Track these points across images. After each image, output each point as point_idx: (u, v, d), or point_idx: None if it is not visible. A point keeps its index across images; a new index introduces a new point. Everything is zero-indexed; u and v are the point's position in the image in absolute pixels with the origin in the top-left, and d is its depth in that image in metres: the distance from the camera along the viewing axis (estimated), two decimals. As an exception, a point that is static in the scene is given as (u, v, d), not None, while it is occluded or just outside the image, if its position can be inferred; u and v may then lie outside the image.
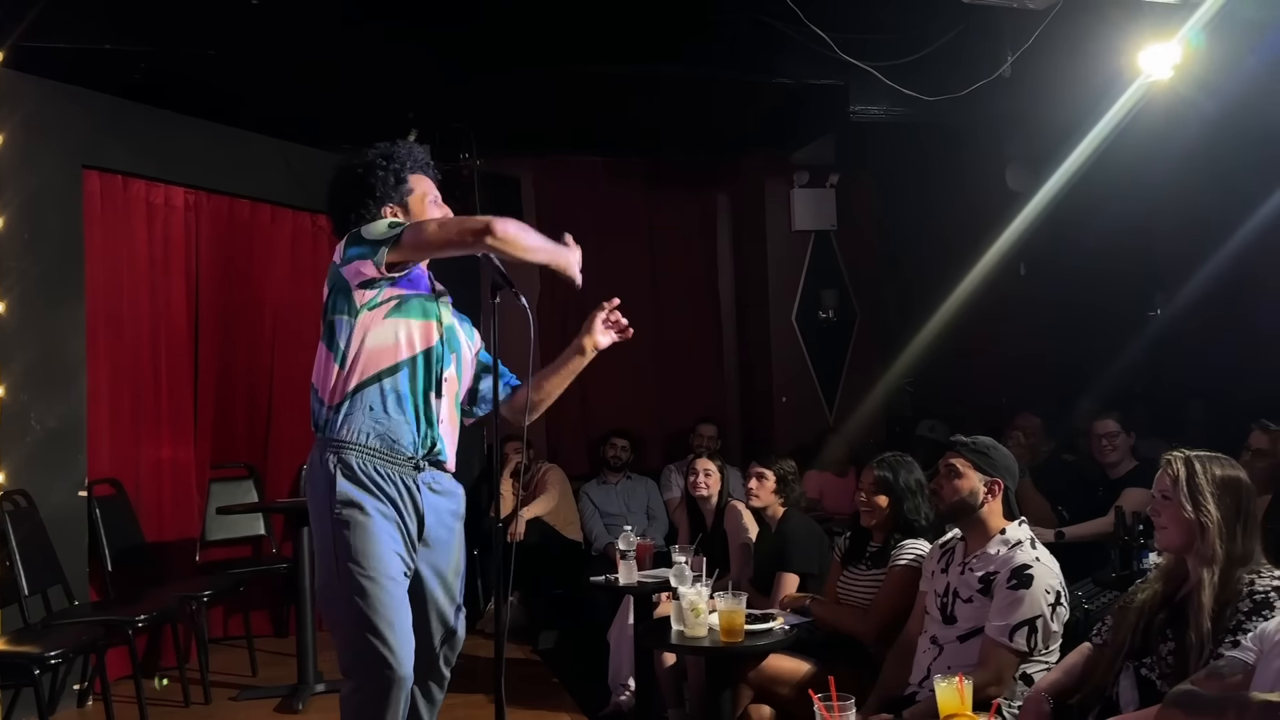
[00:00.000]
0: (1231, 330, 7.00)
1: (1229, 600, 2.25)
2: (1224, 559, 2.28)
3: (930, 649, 2.92)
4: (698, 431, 6.46)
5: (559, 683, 4.75)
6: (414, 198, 2.70)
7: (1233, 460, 2.43)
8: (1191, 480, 2.34)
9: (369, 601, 2.42)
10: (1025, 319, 7.35)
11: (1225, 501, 2.31)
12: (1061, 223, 6.61)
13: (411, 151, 2.74)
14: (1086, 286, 7.67)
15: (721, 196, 7.36)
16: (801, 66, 5.12)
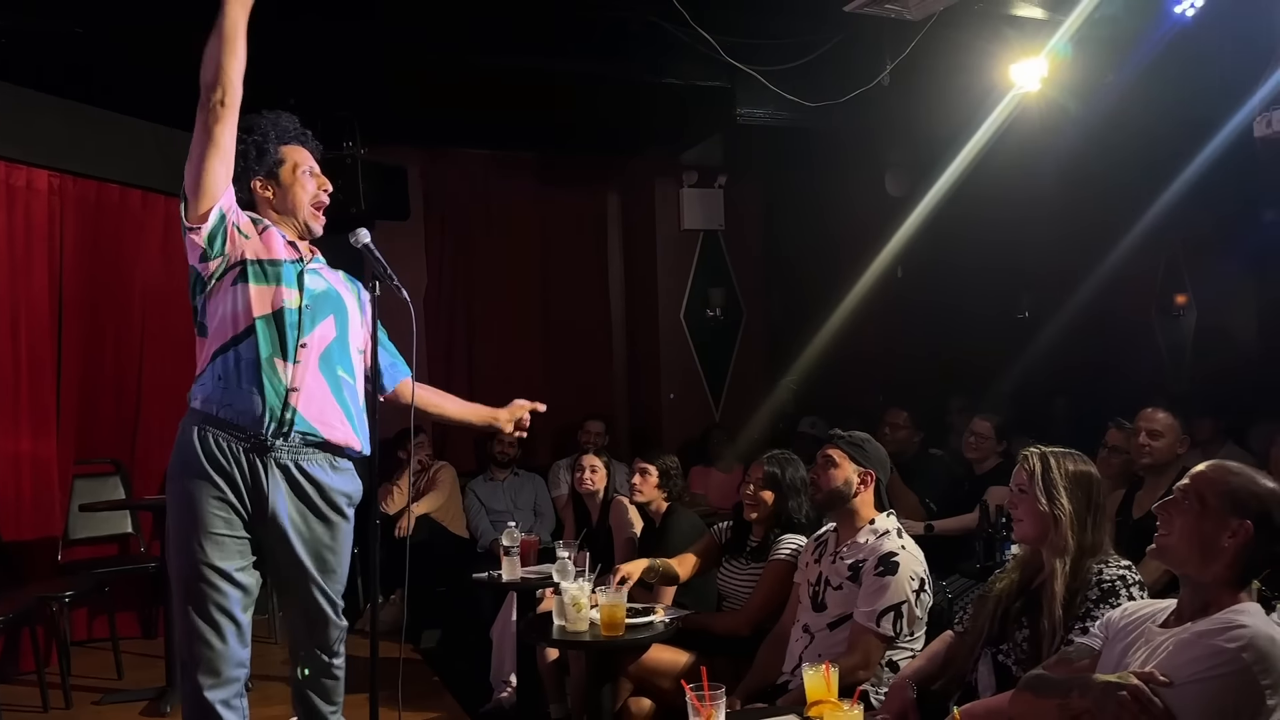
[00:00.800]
0: (1094, 333, 7.39)
1: (1079, 589, 2.38)
2: (1075, 549, 2.41)
3: (802, 637, 3.01)
4: (585, 428, 6.48)
5: (440, 681, 4.71)
6: (285, 169, 2.62)
7: (1085, 456, 2.57)
8: (1046, 475, 2.46)
9: (188, 587, 2.43)
10: (902, 320, 7.61)
11: (1077, 495, 2.44)
12: (938, 228, 6.87)
13: (277, 121, 2.65)
14: (959, 289, 7.98)
15: (612, 194, 7.40)
16: (690, 68, 5.18)
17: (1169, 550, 2.05)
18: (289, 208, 2.63)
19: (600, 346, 7.33)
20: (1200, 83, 4.98)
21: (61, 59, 4.92)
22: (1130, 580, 2.37)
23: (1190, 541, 2.01)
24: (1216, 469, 2.07)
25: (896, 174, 7.37)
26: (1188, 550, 2.02)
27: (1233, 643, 1.86)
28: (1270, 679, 1.84)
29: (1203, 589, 2.01)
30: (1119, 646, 2.09)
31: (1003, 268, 8.23)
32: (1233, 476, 2.04)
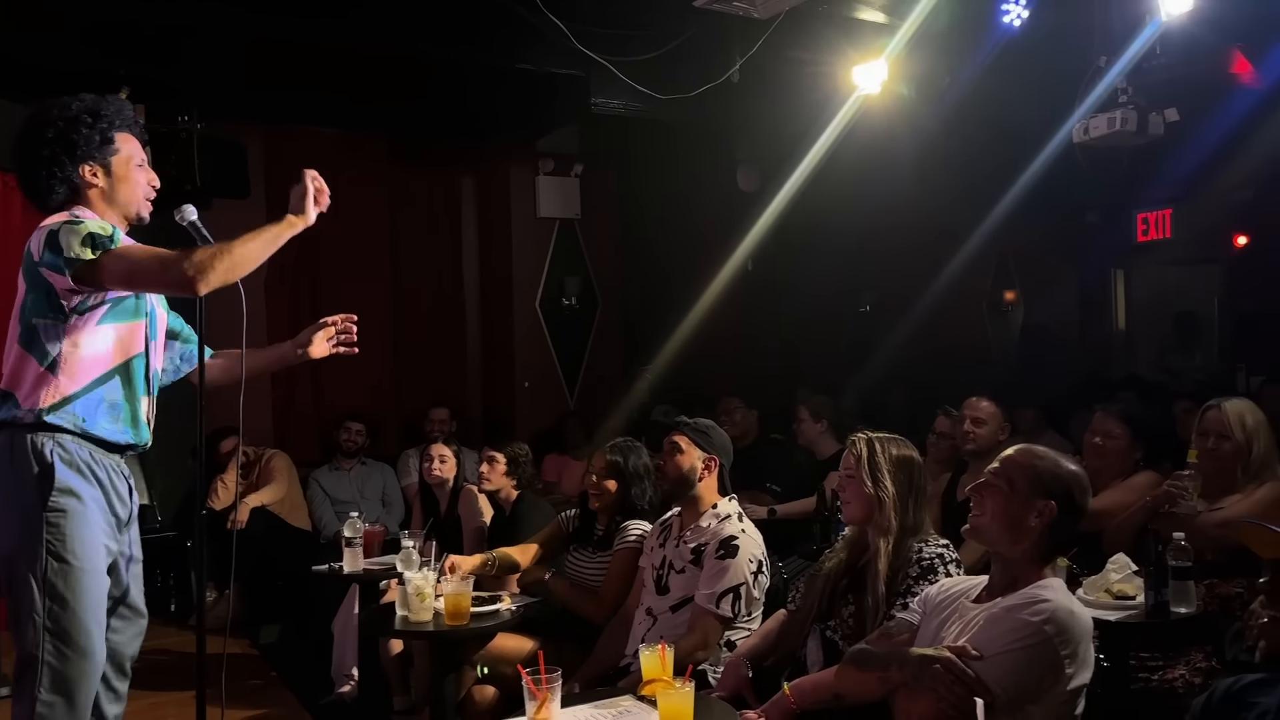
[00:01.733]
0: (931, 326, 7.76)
1: (901, 566, 2.50)
2: (898, 529, 2.53)
3: (645, 620, 3.06)
4: (429, 416, 6.37)
5: (278, 677, 4.57)
6: (119, 159, 2.50)
7: (908, 441, 2.70)
8: (872, 459, 2.58)
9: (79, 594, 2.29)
10: (753, 311, 7.79)
11: (900, 478, 2.57)
12: (787, 224, 7.06)
13: (121, 109, 2.52)
14: (806, 284, 8.25)
15: (467, 180, 7.29)
16: (545, 55, 5.16)
17: (981, 530, 2.18)
18: (118, 200, 2.51)
19: (453, 334, 7.22)
20: (1028, 91, 5.28)
21: None
22: (948, 558, 2.51)
23: (1000, 521, 2.14)
24: (1024, 453, 2.21)
25: (748, 169, 7.54)
26: (997, 530, 2.15)
27: (1036, 616, 1.99)
28: (1068, 649, 1.98)
29: (1011, 565, 2.15)
30: (935, 621, 2.21)
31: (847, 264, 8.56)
32: (1038, 460, 2.18)
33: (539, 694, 2.04)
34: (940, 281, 7.84)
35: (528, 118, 6.38)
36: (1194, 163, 6.36)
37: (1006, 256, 8.47)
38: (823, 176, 6.17)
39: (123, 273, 2.30)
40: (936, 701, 1.97)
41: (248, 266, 2.39)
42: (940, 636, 2.14)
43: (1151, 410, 5.24)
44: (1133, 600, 2.80)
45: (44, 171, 2.41)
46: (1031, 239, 8.14)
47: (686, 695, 2.01)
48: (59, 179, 2.41)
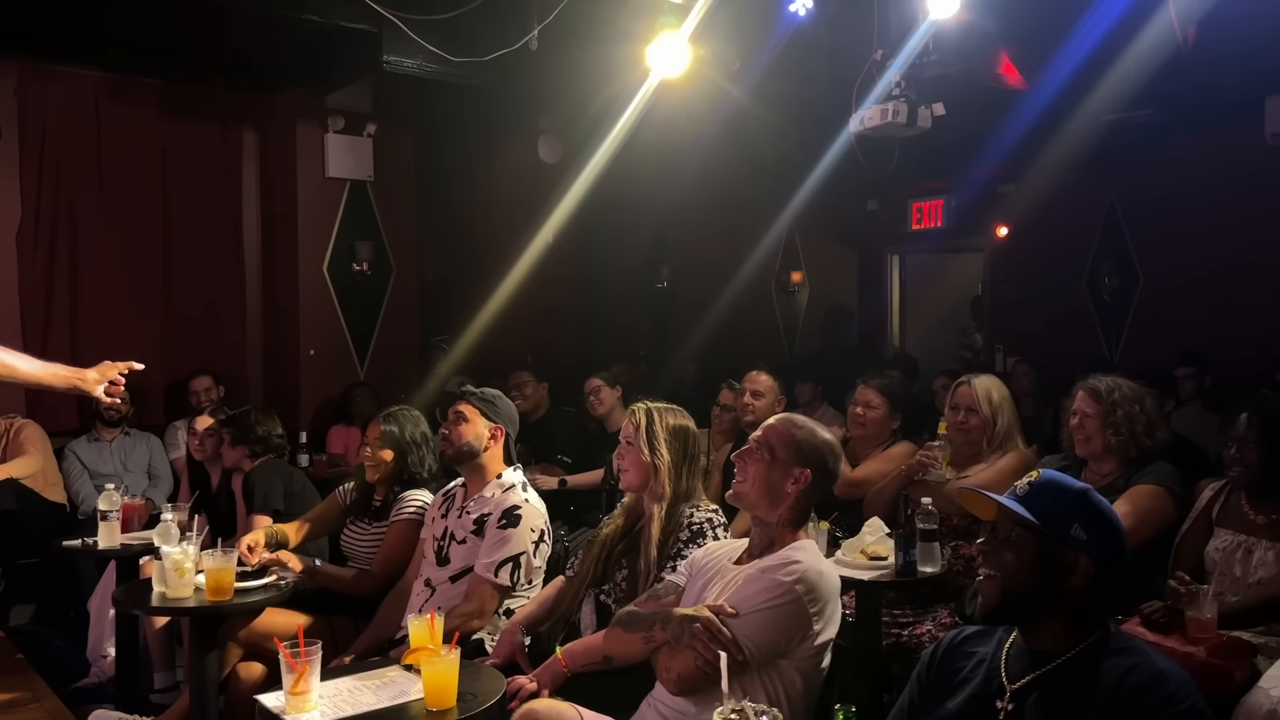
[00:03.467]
0: (724, 304, 8.01)
1: (673, 531, 2.58)
2: (670, 495, 2.61)
3: (424, 591, 3.02)
4: (190, 386, 6.00)
5: (24, 659, 4.21)
6: None
7: (684, 411, 2.79)
8: (650, 428, 2.65)
9: None
10: (553, 283, 7.79)
11: (675, 446, 2.65)
12: (590, 197, 7.07)
13: None
14: (607, 258, 8.33)
15: (249, 133, 6.86)
16: (334, 7, 4.92)
17: (743, 495, 2.28)
18: None
19: (232, 297, 6.80)
20: (816, 80, 5.49)
21: None
22: (716, 522, 2.61)
23: (760, 487, 2.25)
24: (784, 422, 2.32)
25: (550, 141, 7.51)
26: (758, 494, 2.25)
27: (788, 576, 2.10)
28: (816, 606, 2.10)
29: (769, 528, 2.25)
30: (700, 582, 2.30)
31: (647, 240, 8.71)
32: (797, 430, 2.29)
33: (296, 667, 1.98)
34: (735, 261, 8.11)
35: (317, 72, 6.07)
36: (963, 157, 6.84)
37: (794, 239, 8.86)
38: (626, 153, 6.22)
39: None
40: (694, 659, 2.05)
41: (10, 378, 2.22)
42: (703, 597, 2.22)
43: (913, 385, 5.63)
44: (885, 561, 3.00)
45: None
46: (817, 223, 8.55)
47: (451, 662, 2.00)
48: None
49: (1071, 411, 3.17)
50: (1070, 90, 5.29)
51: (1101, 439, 3.08)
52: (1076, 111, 5.72)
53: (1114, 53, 4.94)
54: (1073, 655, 1.66)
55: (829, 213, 8.28)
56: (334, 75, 6.03)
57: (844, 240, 8.94)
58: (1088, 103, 5.58)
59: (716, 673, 2.03)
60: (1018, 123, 5.87)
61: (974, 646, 1.81)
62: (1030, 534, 1.70)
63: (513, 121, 7.32)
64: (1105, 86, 5.28)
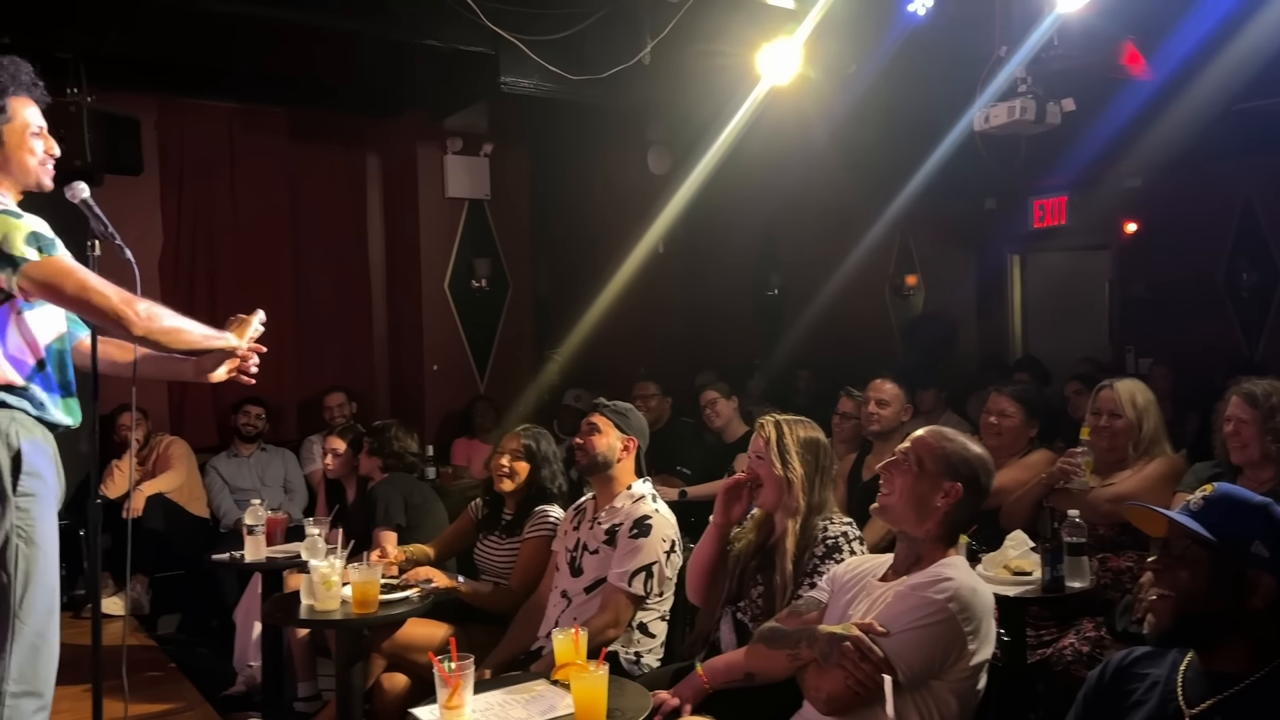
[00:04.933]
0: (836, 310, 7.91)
1: (807, 545, 2.55)
2: (805, 509, 2.57)
3: (560, 603, 3.05)
4: (325, 402, 6.21)
5: (177, 668, 4.43)
6: (11, 128, 2.35)
7: (813, 423, 2.75)
8: (780, 441, 2.62)
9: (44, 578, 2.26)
10: (663, 294, 7.82)
11: (807, 459, 2.62)
12: (699, 207, 7.09)
13: (16, 72, 2.37)
14: (717, 267, 8.32)
15: (372, 157, 7.11)
16: (454, 31, 5.05)
17: (889, 509, 2.23)
18: (13, 169, 2.38)
19: (359, 316, 7.05)
20: (932, 79, 5.39)
21: None
22: (851, 536, 2.56)
23: (908, 500, 2.20)
24: (934, 435, 2.27)
25: (659, 152, 7.55)
26: (905, 508, 2.20)
27: (940, 594, 2.04)
28: (971, 625, 2.04)
29: (916, 544, 2.20)
30: (843, 599, 2.26)
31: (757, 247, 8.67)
32: (947, 442, 2.23)
33: (450, 681, 2.02)
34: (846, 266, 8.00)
35: (435, 95, 6.25)
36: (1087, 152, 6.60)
37: (908, 242, 8.68)
38: (733, 160, 6.21)
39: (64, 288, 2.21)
40: (844, 678, 2.01)
41: (178, 345, 2.35)
42: (848, 615, 2.19)
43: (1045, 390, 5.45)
44: (1030, 576, 2.90)
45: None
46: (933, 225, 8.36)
47: (600, 678, 2.01)
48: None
49: (1225, 417, 3.02)
50: (1199, 79, 5.07)
51: (1259, 445, 2.94)
52: (1207, 101, 5.46)
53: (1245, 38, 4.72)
54: (1259, 679, 1.57)
55: (944, 213, 8.09)
56: (453, 98, 6.20)
57: (961, 241, 8.71)
58: (1219, 91, 5.33)
59: (868, 693, 2.00)
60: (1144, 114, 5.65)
61: (1145, 668, 1.73)
62: (1206, 552, 1.61)
63: (622, 135, 7.40)
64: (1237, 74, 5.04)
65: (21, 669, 2.25)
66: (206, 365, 2.62)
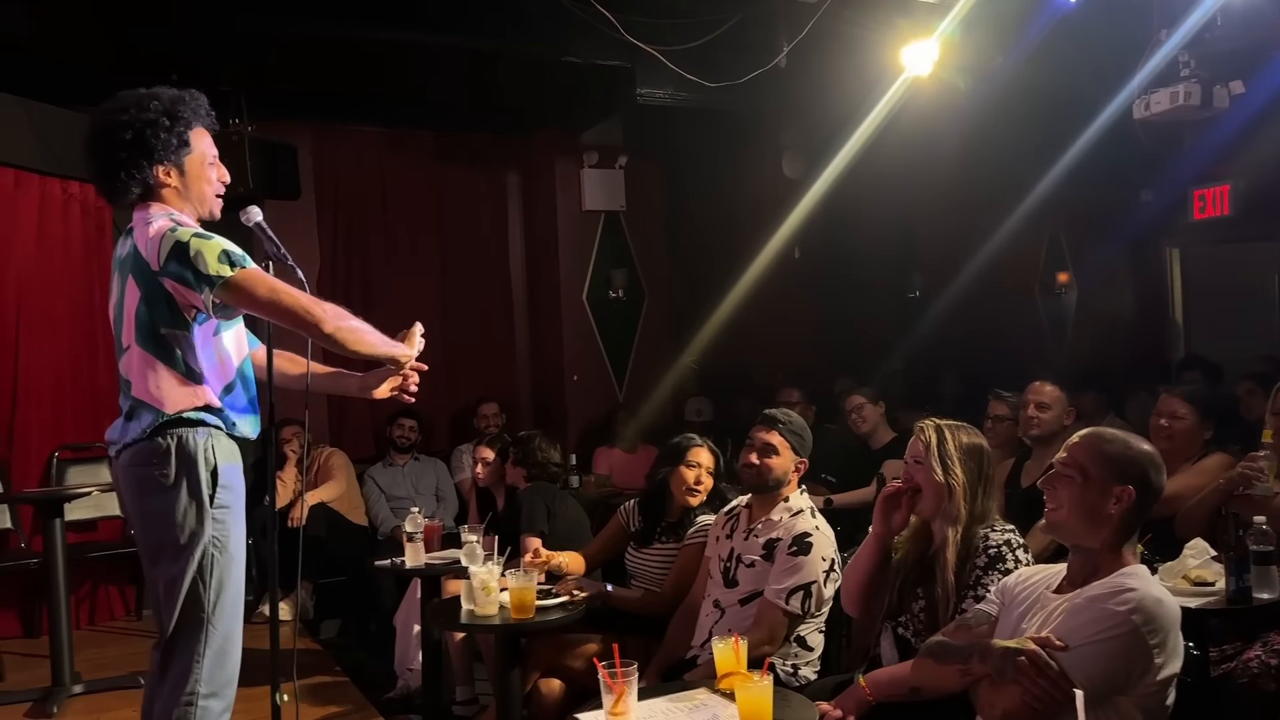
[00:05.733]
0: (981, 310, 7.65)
1: (969, 556, 2.46)
2: (966, 518, 2.48)
3: (713, 612, 3.04)
4: (479, 411, 6.40)
5: (341, 671, 4.62)
6: (192, 159, 2.49)
7: (975, 428, 2.65)
8: (941, 447, 2.53)
9: (234, 586, 2.40)
10: (798, 299, 7.74)
11: (970, 466, 2.52)
12: (834, 210, 6.99)
13: (196, 105, 2.51)
14: (854, 270, 8.17)
15: (512, 174, 7.31)
16: (590, 46, 5.14)
17: (1059, 524, 2.12)
18: (193, 199, 2.52)
19: (501, 328, 7.25)
20: (1083, 66, 5.17)
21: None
22: (1014, 544, 2.46)
23: (1078, 512, 2.09)
24: (1092, 439, 2.14)
25: (793, 156, 7.47)
26: (1076, 521, 2.09)
27: (1123, 606, 1.94)
28: (1157, 638, 1.93)
29: (1092, 555, 2.10)
30: (1015, 613, 2.17)
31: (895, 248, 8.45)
32: (1108, 444, 2.11)
33: (615, 688, 2.03)
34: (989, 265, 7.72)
35: (572, 110, 6.37)
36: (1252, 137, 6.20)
37: (1058, 237, 8.32)
38: (870, 159, 6.11)
39: (258, 296, 2.31)
40: (1021, 695, 1.94)
41: (360, 347, 2.45)
42: (1021, 628, 2.10)
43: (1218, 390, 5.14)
44: (1212, 586, 2.74)
45: (121, 173, 2.41)
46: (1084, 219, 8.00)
47: (765, 688, 1.99)
48: (135, 179, 2.42)
49: None
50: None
51: None
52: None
53: None
54: None
55: (1097, 207, 7.72)
56: (588, 113, 6.30)
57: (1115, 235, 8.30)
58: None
59: (1045, 710, 1.92)
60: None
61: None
62: None
63: (756, 140, 7.36)
64: None
65: (211, 672, 2.37)
66: (370, 382, 2.74)
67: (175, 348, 2.37)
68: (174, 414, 2.35)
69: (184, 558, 2.34)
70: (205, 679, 2.36)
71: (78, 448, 5.47)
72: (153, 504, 2.36)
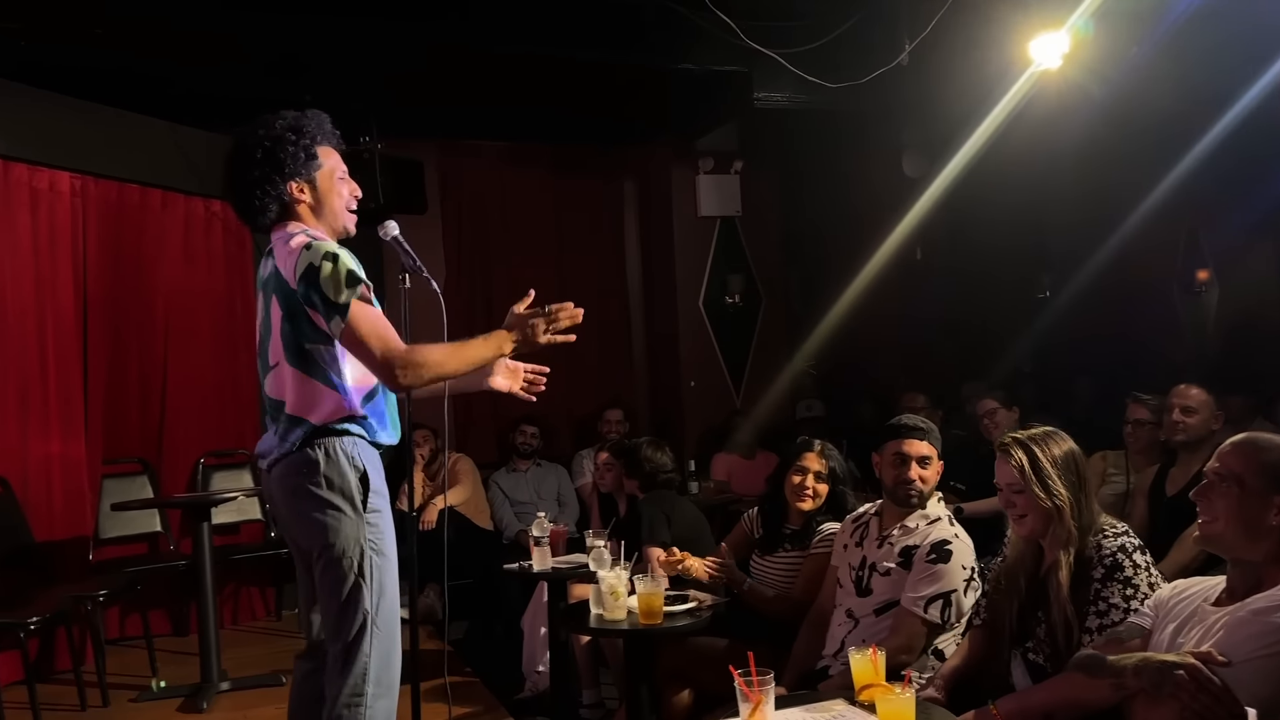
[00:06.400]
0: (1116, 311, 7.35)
1: (1083, 572, 2.33)
2: (1077, 535, 2.35)
3: (845, 622, 2.98)
4: (604, 417, 6.48)
5: (471, 672, 4.73)
6: (322, 174, 2.58)
7: (1061, 433, 2.48)
8: (1037, 466, 2.38)
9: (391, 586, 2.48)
10: (921, 301, 7.57)
11: (1069, 479, 2.38)
12: (956, 209, 6.82)
13: (321, 123, 2.61)
14: (979, 270, 7.94)
15: (628, 182, 7.38)
16: (706, 53, 5.15)
17: (1216, 538, 2.02)
18: (326, 213, 2.60)
19: (619, 336, 7.32)
20: (1220, 56, 4.93)
21: (81, 61, 4.93)
22: (1130, 548, 2.33)
23: (1236, 526, 1.98)
24: (1245, 446, 2.02)
25: (913, 154, 7.31)
26: (1234, 534, 1.98)
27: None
28: (1330, 654, 1.82)
29: (1254, 568, 1.99)
30: (1171, 626, 2.07)
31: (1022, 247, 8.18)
32: (1264, 451, 1.99)
33: (753, 697, 2.02)
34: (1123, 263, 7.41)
35: (688, 117, 6.38)
36: None
37: (1196, 234, 7.93)
38: (994, 156, 5.93)
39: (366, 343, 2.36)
40: (1180, 711, 1.85)
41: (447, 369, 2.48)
42: (1178, 643, 2.00)
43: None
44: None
45: (257, 191, 2.50)
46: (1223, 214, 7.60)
47: (908, 701, 1.95)
48: (271, 197, 2.51)
49: None
50: None
51: None
52: None
53: None
54: None
55: (1238, 201, 7.33)
56: (704, 118, 6.30)
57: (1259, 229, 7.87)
58: None
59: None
60: None
61: None
62: None
63: (875, 139, 7.24)
64: None
65: (379, 673, 2.44)
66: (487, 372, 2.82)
67: (319, 361, 2.45)
68: (321, 424, 2.43)
69: (345, 563, 2.42)
70: (374, 679, 2.43)
71: (221, 454, 5.75)
72: (310, 513, 2.44)
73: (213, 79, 5.39)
